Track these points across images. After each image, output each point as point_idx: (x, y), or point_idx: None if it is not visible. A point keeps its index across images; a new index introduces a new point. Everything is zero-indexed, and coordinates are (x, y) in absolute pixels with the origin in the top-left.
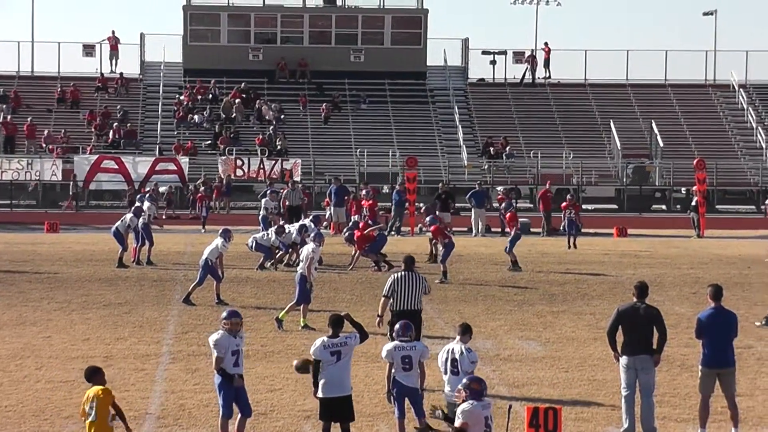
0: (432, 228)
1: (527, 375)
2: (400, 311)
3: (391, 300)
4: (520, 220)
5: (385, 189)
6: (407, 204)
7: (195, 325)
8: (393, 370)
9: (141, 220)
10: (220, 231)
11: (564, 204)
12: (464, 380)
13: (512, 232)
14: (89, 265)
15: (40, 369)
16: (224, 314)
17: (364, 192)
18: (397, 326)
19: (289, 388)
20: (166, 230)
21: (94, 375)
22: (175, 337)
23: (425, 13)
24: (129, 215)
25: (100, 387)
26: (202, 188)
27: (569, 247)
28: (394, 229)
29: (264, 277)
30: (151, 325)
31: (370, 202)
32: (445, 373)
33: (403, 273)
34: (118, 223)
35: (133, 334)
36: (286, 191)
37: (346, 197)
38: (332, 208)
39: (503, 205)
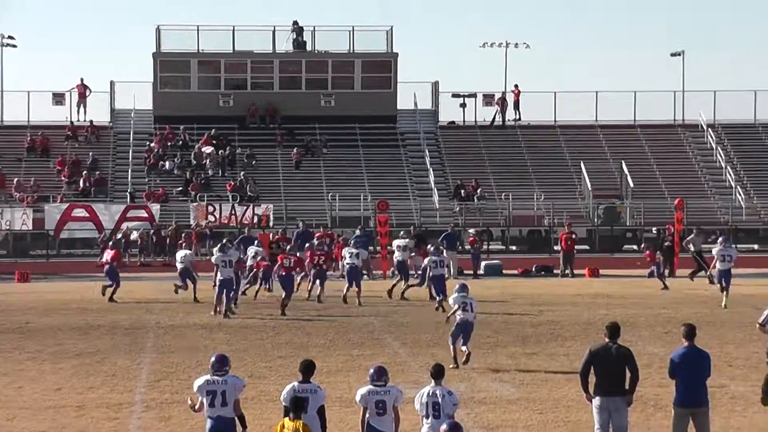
0: (308, 253)
1: (502, 417)
2: None
3: None
4: (491, 262)
5: (357, 232)
6: (375, 248)
7: (167, 373)
8: (367, 415)
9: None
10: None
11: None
12: (443, 426)
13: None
14: (61, 314)
15: (12, 420)
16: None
17: (317, 243)
18: (371, 370)
19: None
20: (138, 277)
21: (297, 408)
22: (148, 385)
23: (395, 57)
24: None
25: (298, 423)
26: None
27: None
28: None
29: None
30: (124, 373)
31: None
32: (427, 417)
33: None
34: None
35: (105, 383)
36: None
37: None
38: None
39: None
